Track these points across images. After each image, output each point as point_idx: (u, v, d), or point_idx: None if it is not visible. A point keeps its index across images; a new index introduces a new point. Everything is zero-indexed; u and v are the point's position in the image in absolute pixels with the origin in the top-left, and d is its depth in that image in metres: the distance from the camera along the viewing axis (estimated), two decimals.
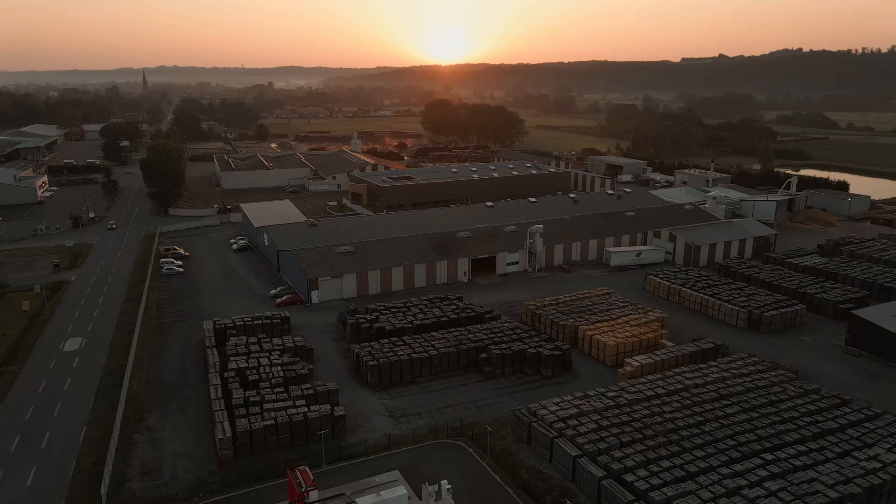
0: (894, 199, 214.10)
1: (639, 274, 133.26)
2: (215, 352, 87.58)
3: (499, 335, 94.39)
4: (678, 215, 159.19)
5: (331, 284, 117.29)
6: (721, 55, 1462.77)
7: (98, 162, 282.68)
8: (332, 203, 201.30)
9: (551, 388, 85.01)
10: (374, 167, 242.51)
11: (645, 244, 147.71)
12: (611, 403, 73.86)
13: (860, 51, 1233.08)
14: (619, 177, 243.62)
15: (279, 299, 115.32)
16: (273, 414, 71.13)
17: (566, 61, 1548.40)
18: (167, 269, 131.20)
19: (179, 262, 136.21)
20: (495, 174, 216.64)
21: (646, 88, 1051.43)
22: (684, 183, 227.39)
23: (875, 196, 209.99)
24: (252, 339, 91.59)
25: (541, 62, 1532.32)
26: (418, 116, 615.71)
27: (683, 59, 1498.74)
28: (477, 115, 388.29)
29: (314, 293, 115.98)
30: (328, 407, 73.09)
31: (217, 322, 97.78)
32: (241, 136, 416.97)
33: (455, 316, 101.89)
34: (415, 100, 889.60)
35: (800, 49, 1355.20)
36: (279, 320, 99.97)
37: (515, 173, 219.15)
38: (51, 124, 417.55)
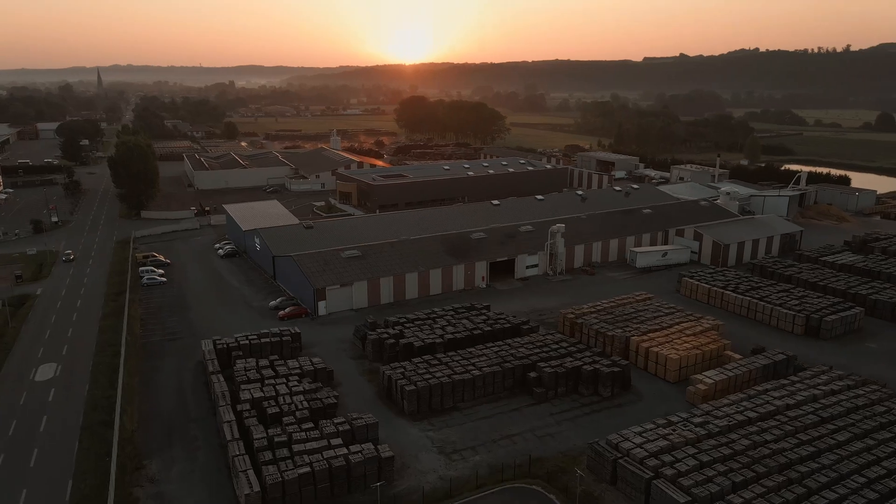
0: None
1: (666, 276, 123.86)
2: (221, 378, 74.24)
3: (544, 350, 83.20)
4: (695, 212, 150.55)
5: (339, 294, 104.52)
6: (682, 54, 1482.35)
7: (56, 162, 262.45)
8: (318, 203, 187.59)
9: (614, 410, 74.27)
10: (360, 165, 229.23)
11: (666, 243, 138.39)
12: (702, 432, 63.26)
13: (816, 50, 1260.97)
14: (612, 173, 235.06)
15: (282, 312, 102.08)
16: (306, 458, 58.54)
17: (530, 60, 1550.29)
18: (148, 278, 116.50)
19: (161, 271, 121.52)
20: (490, 171, 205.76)
21: (610, 87, 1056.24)
22: (680, 179, 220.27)
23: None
24: (263, 362, 78.49)
25: (505, 61, 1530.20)
26: (389, 115, 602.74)
27: (645, 59, 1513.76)
28: (455, 112, 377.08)
29: (321, 304, 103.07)
30: (371, 447, 60.81)
31: (218, 341, 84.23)
32: (208, 134, 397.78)
33: (489, 328, 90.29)
34: (382, 98, 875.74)
35: (756, 49, 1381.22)
36: (289, 337, 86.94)
37: (511, 170, 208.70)
38: (0, 122, 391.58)
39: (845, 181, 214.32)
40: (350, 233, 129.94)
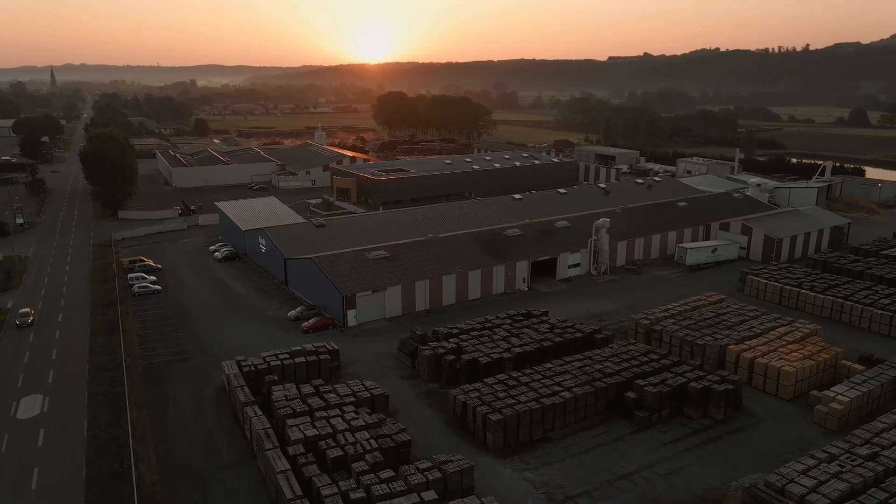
0: None
1: (719, 273, 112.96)
2: (258, 411, 59.69)
3: (633, 363, 70.64)
4: (731, 205, 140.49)
5: (370, 301, 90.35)
6: (646, 54, 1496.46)
7: (15, 160, 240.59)
8: (314, 200, 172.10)
9: (734, 437, 62.09)
10: (353, 160, 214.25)
11: (707, 238, 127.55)
12: (878, 468, 51.29)
13: (776, 50, 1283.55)
14: (618, 167, 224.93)
15: (306, 324, 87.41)
16: None
17: (496, 60, 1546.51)
18: (140, 287, 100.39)
19: (153, 278, 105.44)
20: (496, 164, 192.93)
21: (577, 85, 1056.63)
22: (688, 172, 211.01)
23: None
24: (307, 388, 64.17)
25: (470, 60, 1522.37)
26: (361, 113, 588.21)
27: (610, 58, 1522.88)
28: (438, 108, 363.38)
29: (351, 313, 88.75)
30: (475, 501, 47.26)
31: (243, 362, 69.46)
32: (176, 131, 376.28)
33: (559, 339, 77.32)
34: (352, 97, 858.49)
35: (717, 49, 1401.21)
36: (328, 355, 72.59)
37: (518, 164, 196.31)
38: None
39: (860, 172, 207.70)
40: (365, 231, 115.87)
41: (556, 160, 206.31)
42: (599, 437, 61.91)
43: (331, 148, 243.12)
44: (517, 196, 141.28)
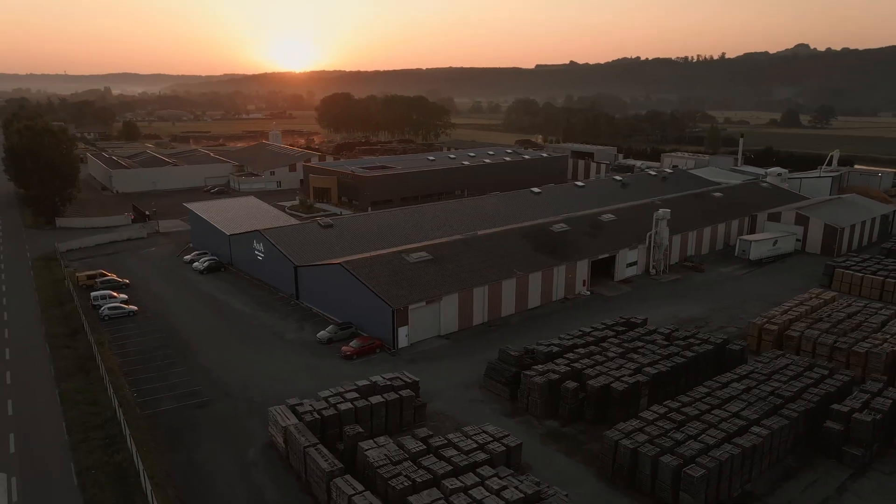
0: None
1: (784, 268, 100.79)
2: (356, 485, 40.21)
3: (803, 381, 55.12)
4: (764, 195, 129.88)
5: (424, 315, 71.56)
6: (572, 62, 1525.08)
7: None
8: (289, 203, 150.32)
9: None
10: (322, 158, 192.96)
11: (753, 230, 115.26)
12: None
13: (696, 58, 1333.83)
14: (608, 163, 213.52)
15: (347, 347, 67.64)
16: None
17: (424, 68, 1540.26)
18: (110, 308, 77.52)
19: (124, 296, 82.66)
20: (486, 160, 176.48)
21: (508, 92, 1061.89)
22: (674, 167, 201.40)
23: None
24: (413, 443, 44.99)
25: (399, 68, 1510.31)
26: (296, 118, 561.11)
27: (538, 66, 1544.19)
28: (391, 108, 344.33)
29: (402, 331, 69.69)
30: None
31: (299, 407, 49.54)
32: (102, 136, 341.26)
33: (691, 353, 61.01)
34: (283, 104, 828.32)
35: (638, 57, 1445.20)
36: (408, 390, 53.55)
37: (508, 159, 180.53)
38: None
39: (849, 162, 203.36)
40: (381, 231, 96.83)
41: (545, 155, 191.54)
42: (816, 489, 45.88)
43: (293, 147, 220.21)
44: (536, 189, 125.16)
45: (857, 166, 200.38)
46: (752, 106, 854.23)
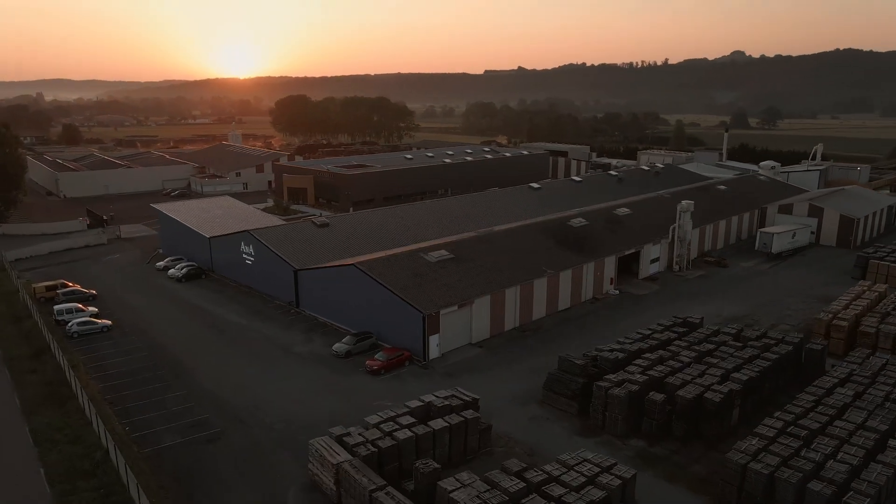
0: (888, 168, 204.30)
1: (806, 260, 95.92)
2: None
3: None
4: (763, 187, 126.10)
5: (455, 321, 62.66)
6: (520, 67, 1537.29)
7: None
8: (261, 205, 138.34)
9: None
10: (291, 157, 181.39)
11: (763, 223, 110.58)
12: None
13: (640, 64, 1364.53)
14: (591, 161, 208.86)
15: (374, 362, 58.07)
16: None
17: (373, 73, 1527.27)
18: (79, 324, 65.78)
19: (94, 310, 70.88)
20: (468, 158, 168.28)
21: (460, 97, 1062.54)
22: (652, 164, 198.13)
23: None
24: (506, 480, 36.04)
25: (347, 74, 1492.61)
26: (246, 123, 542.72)
27: (486, 71, 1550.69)
28: (351, 110, 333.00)
29: (433, 340, 60.60)
30: None
31: (346, 438, 40.06)
32: (40, 140, 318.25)
33: (773, 356, 53.92)
34: (231, 110, 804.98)
35: (584, 63, 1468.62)
36: (470, 410, 44.63)
37: (489, 157, 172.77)
38: None
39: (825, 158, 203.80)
40: (380, 230, 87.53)
41: (525, 153, 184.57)
42: None
43: (258, 147, 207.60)
44: (535, 185, 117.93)
45: (833, 162, 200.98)
46: (698, 109, 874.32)
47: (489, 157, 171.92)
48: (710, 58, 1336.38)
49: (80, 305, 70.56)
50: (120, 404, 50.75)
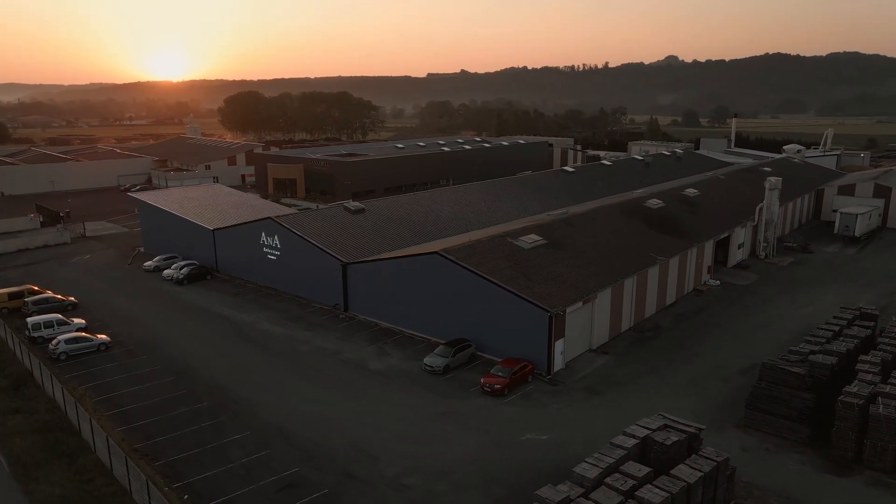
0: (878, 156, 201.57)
1: (885, 245, 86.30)
2: None
3: None
4: (807, 170, 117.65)
5: (576, 322, 48.61)
6: (463, 70, 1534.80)
7: None
8: None
9: None
10: (265, 148, 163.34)
11: (820, 204, 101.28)
12: None
13: (582, 67, 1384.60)
14: (586, 152, 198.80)
15: (492, 378, 43.38)
16: None
17: (312, 77, 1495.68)
18: (67, 342, 48.39)
19: (82, 322, 53.43)
20: (466, 147, 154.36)
21: (405, 99, 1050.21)
22: (645, 153, 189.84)
23: None
24: None
25: (286, 77, 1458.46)
26: (181, 125, 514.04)
27: (429, 74, 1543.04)
28: (310, 106, 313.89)
29: (558, 346, 46.37)
30: None
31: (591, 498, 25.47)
32: None
33: None
34: (167, 111, 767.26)
35: (525, 66, 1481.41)
36: (717, 456, 30.66)
37: (487, 145, 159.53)
38: None
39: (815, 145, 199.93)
40: (422, 218, 73.13)
41: (522, 142, 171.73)
42: None
43: (229, 139, 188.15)
44: (569, 168, 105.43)
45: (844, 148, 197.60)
46: (644, 110, 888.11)
47: (487, 145, 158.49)
48: (647, 62, 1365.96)
49: (60, 317, 52.92)
50: (160, 457, 34.47)
